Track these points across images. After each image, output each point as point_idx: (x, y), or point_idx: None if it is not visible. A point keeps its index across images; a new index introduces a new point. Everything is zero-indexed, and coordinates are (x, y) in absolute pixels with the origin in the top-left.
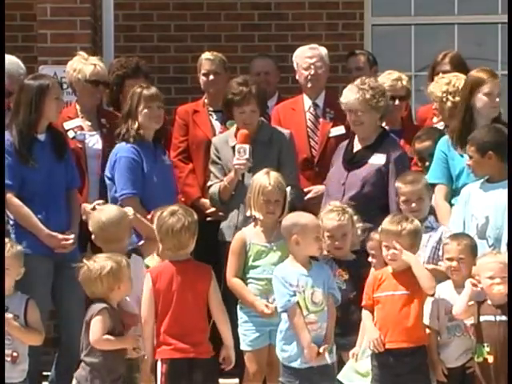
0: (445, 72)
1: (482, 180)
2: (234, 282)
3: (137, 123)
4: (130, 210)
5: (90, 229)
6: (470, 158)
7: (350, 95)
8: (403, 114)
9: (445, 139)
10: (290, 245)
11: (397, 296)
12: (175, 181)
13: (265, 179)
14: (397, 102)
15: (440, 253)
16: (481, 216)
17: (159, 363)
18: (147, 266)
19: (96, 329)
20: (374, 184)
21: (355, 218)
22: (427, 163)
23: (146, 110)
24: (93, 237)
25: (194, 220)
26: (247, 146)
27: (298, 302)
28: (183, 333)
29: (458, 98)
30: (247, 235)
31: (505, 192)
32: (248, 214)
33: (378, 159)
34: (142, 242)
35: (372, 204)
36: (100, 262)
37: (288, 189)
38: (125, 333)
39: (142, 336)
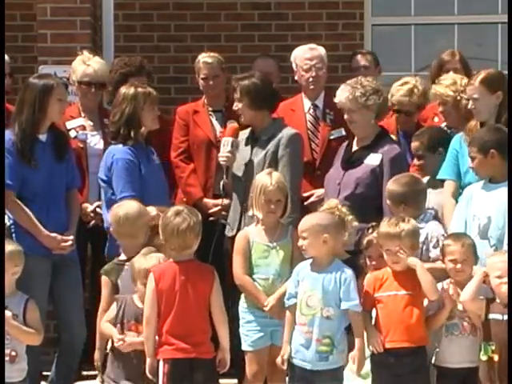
0: (455, 70)
1: (484, 180)
2: (245, 280)
3: (143, 126)
4: (152, 210)
5: (110, 220)
6: (473, 159)
7: (341, 94)
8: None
9: (458, 136)
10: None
11: (399, 296)
12: (166, 180)
13: (266, 179)
14: (401, 117)
15: (431, 254)
16: (483, 216)
17: (161, 363)
18: None
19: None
20: (368, 185)
21: (350, 217)
22: (422, 161)
23: (151, 112)
24: (111, 229)
25: (198, 220)
26: (230, 139)
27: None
28: (185, 333)
29: None
30: (250, 233)
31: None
32: (250, 213)
33: (373, 160)
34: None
35: (367, 205)
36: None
37: None
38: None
39: (144, 336)
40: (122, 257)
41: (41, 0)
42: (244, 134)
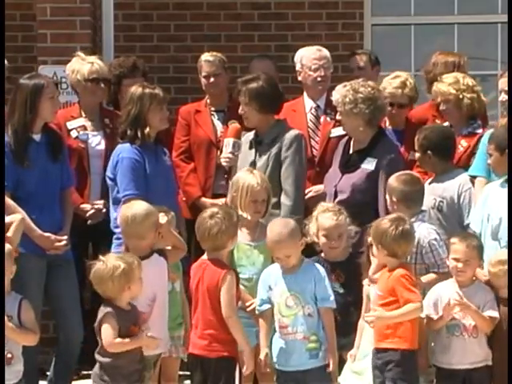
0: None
1: (502, 180)
2: None
3: (148, 127)
4: (162, 218)
5: (118, 221)
6: (490, 156)
7: (335, 94)
8: (408, 115)
9: (489, 132)
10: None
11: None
12: (175, 181)
13: (251, 179)
14: (394, 110)
15: (426, 260)
16: (496, 217)
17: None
18: None
19: (106, 334)
20: (364, 190)
21: (348, 220)
22: (417, 157)
23: (158, 112)
24: (120, 230)
25: (232, 222)
26: (231, 140)
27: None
28: (201, 329)
29: (473, 95)
30: None
31: None
32: None
33: (368, 165)
34: (169, 247)
35: (363, 209)
36: (112, 262)
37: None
38: (138, 332)
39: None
40: None
41: (41, 0)
42: (249, 137)
